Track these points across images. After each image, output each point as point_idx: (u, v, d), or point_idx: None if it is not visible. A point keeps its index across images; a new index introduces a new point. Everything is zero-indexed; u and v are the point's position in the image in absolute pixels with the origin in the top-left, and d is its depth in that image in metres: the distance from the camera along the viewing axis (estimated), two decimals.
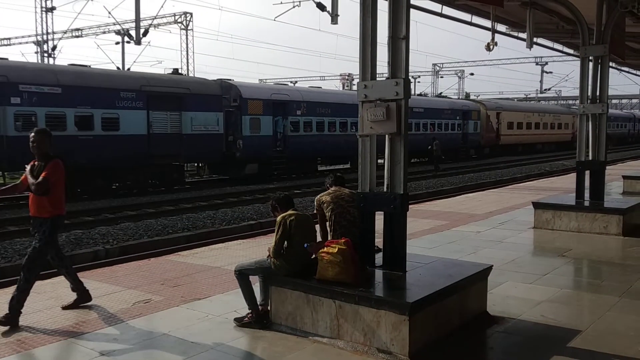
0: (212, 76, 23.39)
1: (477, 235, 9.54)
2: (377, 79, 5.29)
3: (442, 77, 69.54)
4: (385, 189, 5.28)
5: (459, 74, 70.31)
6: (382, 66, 5.35)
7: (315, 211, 5.59)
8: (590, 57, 10.16)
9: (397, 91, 5.00)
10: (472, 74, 69.70)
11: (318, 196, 5.59)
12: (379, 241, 5.49)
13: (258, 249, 8.30)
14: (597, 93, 10.14)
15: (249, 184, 23.04)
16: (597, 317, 5.49)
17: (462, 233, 9.78)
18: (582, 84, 10.26)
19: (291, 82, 72.66)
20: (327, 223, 5.46)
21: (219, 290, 6.36)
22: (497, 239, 9.20)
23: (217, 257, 8.08)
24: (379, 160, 5.56)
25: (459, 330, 4.98)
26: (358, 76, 5.37)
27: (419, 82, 70.90)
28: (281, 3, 22.28)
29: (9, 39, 38.32)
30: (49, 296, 6.25)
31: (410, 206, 14.10)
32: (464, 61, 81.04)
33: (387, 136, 5.22)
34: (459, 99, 52.02)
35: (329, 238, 5.27)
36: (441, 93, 59.51)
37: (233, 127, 23.85)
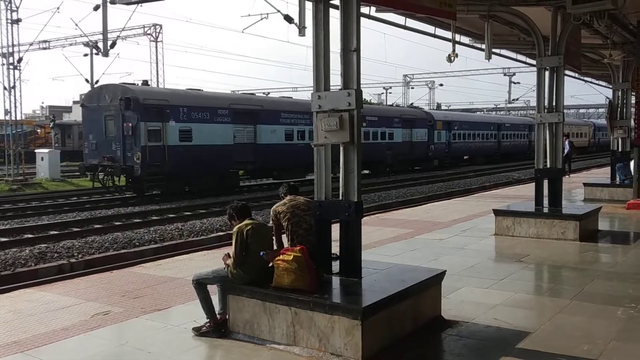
0: (183, 87, 23.34)
1: (440, 243, 9.72)
2: (331, 89, 5.42)
3: (412, 87, 70.37)
4: (340, 197, 5.39)
5: (429, 85, 71.29)
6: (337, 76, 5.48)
7: (271, 222, 5.66)
8: (547, 68, 10.48)
9: (350, 101, 5.13)
10: (441, 85, 70.70)
11: (274, 207, 5.67)
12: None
13: (221, 259, 8.31)
14: (554, 103, 10.44)
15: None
16: (548, 319, 5.66)
17: (425, 241, 9.95)
18: (539, 94, 10.57)
19: (263, 93, 72.77)
20: (285, 233, 5.55)
21: (179, 301, 6.38)
22: (459, 246, 9.38)
23: (180, 268, 8.08)
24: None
25: (412, 335, 5.10)
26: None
27: (390, 92, 71.80)
28: (249, 15, 22.44)
29: None
30: (7, 310, 6.19)
31: (378, 215, 14.41)
32: (434, 72, 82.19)
33: (340, 145, 5.33)
34: (408, 106, 50.85)
35: (286, 247, 5.35)
36: (412, 103, 60.22)
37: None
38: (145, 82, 34.78)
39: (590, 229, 10.08)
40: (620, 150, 16.80)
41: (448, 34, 12.53)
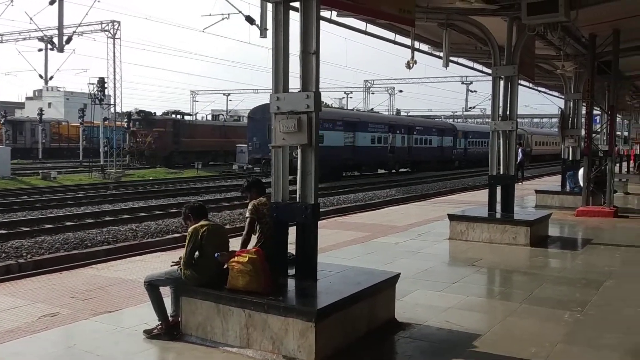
0: (141, 86, 23.02)
1: (396, 246, 9.82)
2: (291, 91, 5.42)
3: (373, 93, 71.09)
4: (297, 200, 5.38)
5: (389, 91, 72.10)
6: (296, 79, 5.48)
7: (248, 216, 5.54)
8: (502, 77, 10.74)
9: (308, 104, 5.13)
10: (401, 91, 71.63)
11: (257, 201, 5.56)
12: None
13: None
14: (508, 111, 10.71)
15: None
16: (498, 321, 5.79)
17: (382, 244, 10.03)
18: (494, 102, 10.82)
19: (224, 94, 72.24)
20: (255, 232, 5.51)
21: (131, 303, 6.24)
22: (414, 250, 9.50)
23: (133, 269, 7.92)
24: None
25: (366, 337, 5.13)
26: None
27: (351, 97, 72.26)
28: (210, 15, 22.19)
29: None
30: None
31: (336, 218, 14.47)
32: (394, 78, 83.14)
33: (298, 147, 5.33)
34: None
35: (250, 247, 5.31)
36: (372, 109, 60.77)
37: None
38: (101, 80, 34.07)
39: (540, 234, 10.36)
40: (570, 158, 17.34)
41: (407, 41, 12.70)
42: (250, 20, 18.11)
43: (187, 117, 44.70)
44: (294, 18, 5.47)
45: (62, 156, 49.69)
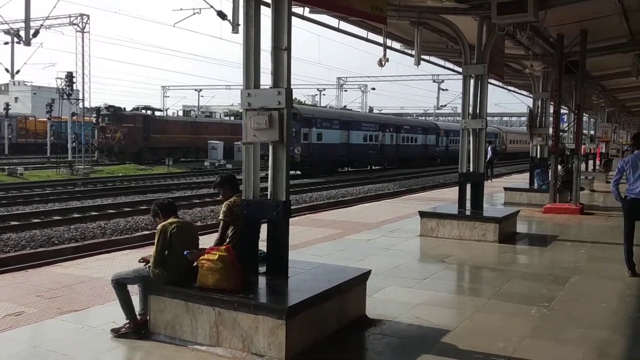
0: (110, 81, 22.64)
1: (367, 243, 9.86)
2: (262, 87, 5.39)
3: (346, 90, 71.22)
4: (268, 197, 5.36)
5: (362, 89, 72.35)
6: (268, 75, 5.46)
7: (221, 219, 5.44)
8: (472, 75, 10.86)
9: (280, 100, 5.11)
10: (373, 89, 71.95)
11: (230, 201, 5.48)
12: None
13: None
14: (478, 109, 10.84)
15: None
16: (467, 317, 5.86)
17: (354, 241, 10.07)
18: (464, 101, 10.95)
19: (195, 90, 71.55)
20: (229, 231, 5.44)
21: (98, 302, 6.14)
22: (386, 247, 9.56)
23: (101, 267, 7.79)
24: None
25: (337, 334, 5.13)
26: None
27: (324, 94, 72.23)
28: (180, 9, 21.93)
29: None
30: None
31: (308, 215, 14.46)
32: (367, 76, 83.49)
33: (270, 144, 5.31)
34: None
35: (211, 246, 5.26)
36: (345, 106, 60.92)
37: None
38: (69, 74, 33.41)
39: (509, 231, 10.53)
40: (538, 157, 17.64)
41: (380, 39, 12.72)
42: (222, 15, 17.94)
43: (157, 113, 44.10)
44: (266, 14, 5.44)
45: (29, 152, 48.62)
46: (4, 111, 46.18)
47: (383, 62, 11.33)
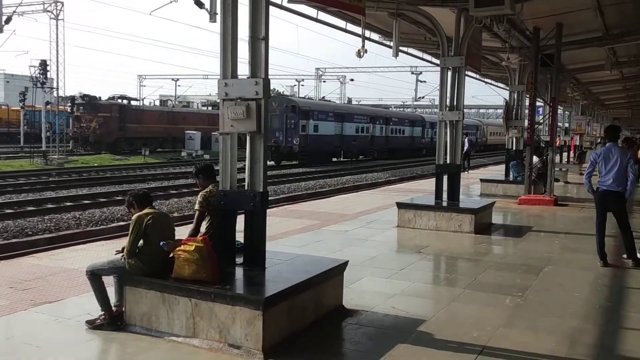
0: (85, 69, 22.28)
1: (345, 234, 9.90)
2: (239, 77, 5.35)
3: (324, 81, 71.14)
4: (246, 188, 5.33)
5: (340, 80, 72.31)
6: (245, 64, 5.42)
7: (197, 209, 5.41)
8: (449, 67, 10.93)
9: (257, 90, 5.08)
10: (352, 80, 71.93)
11: (206, 191, 5.45)
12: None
13: None
14: (455, 101, 10.91)
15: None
16: (442, 307, 5.93)
17: (331, 232, 10.10)
18: (442, 93, 11.01)
19: (172, 79, 70.81)
20: (205, 222, 5.42)
21: (73, 293, 6.07)
22: (363, 238, 9.60)
23: (75, 258, 7.69)
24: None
25: (314, 324, 5.15)
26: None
27: (302, 85, 72.15)
28: None
29: None
30: None
31: (286, 206, 14.46)
32: (346, 67, 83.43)
33: (247, 135, 5.28)
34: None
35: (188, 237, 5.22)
36: (324, 97, 60.83)
37: None
38: (43, 62, 32.77)
39: (484, 222, 10.66)
40: (514, 149, 17.86)
41: (358, 30, 12.72)
42: (199, 4, 17.66)
43: (133, 102, 43.55)
44: (243, 3, 5.39)
45: (2, 141, 47.64)
46: None
47: (362, 53, 11.31)
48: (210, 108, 52.42)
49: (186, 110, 49.37)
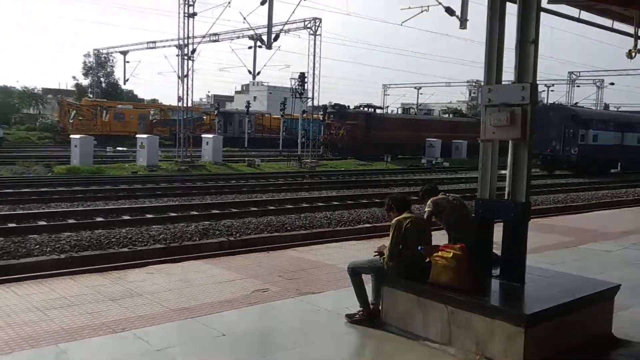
0: (334, 79, 24.11)
1: (607, 255, 8.93)
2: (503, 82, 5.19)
3: (578, 86, 65.29)
4: (506, 197, 5.14)
5: (597, 84, 65.62)
6: (508, 72, 5.25)
7: (426, 215, 5.57)
8: None
9: (524, 96, 4.86)
10: (612, 84, 64.71)
11: (434, 198, 5.57)
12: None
13: (371, 250, 8.31)
14: None
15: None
16: None
17: (590, 251, 9.19)
18: None
19: (414, 87, 72.18)
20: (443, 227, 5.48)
21: (331, 287, 6.53)
22: (630, 260, 8.54)
23: (331, 255, 8.28)
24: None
25: (578, 350, 4.72)
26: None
27: (552, 90, 67.17)
28: (409, 8, 22.22)
29: (154, 42, 41.82)
30: (178, 278, 6.77)
31: (534, 220, 13.61)
32: (604, 70, 75.45)
33: (510, 142, 5.08)
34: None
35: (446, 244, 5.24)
36: (577, 103, 55.94)
37: None
38: (302, 75, 36.13)
39: None
40: None
41: (627, 28, 11.40)
42: (450, 11, 17.77)
43: (378, 111, 45.48)
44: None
45: (264, 145, 53.83)
46: (245, 109, 51.84)
47: (633, 54, 10.15)
48: (450, 115, 52.14)
49: (427, 118, 49.88)
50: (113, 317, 5.36)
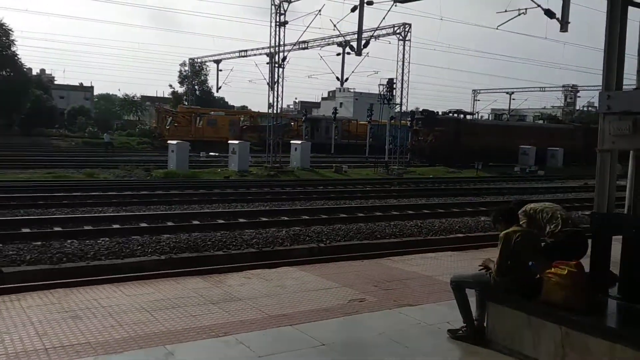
0: (423, 85, 23.74)
1: None
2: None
3: None
4: (625, 211, 4.78)
5: None
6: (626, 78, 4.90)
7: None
8: None
9: None
10: None
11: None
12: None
13: (469, 262, 8.08)
14: None
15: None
16: None
17: None
18: None
19: (506, 92, 69.80)
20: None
21: (430, 299, 6.35)
22: None
23: (427, 265, 8.08)
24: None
25: None
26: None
27: None
28: (505, 11, 21.47)
29: (246, 50, 43.08)
30: (275, 284, 6.84)
31: None
32: None
33: (631, 152, 4.72)
34: None
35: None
36: None
37: None
38: (390, 81, 35.92)
39: None
40: None
41: None
42: (550, 14, 16.98)
43: (468, 117, 44.36)
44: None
45: (350, 152, 53.94)
46: (332, 115, 52.25)
47: None
48: (544, 122, 49.98)
49: (520, 124, 48.13)
50: (215, 320, 5.48)
